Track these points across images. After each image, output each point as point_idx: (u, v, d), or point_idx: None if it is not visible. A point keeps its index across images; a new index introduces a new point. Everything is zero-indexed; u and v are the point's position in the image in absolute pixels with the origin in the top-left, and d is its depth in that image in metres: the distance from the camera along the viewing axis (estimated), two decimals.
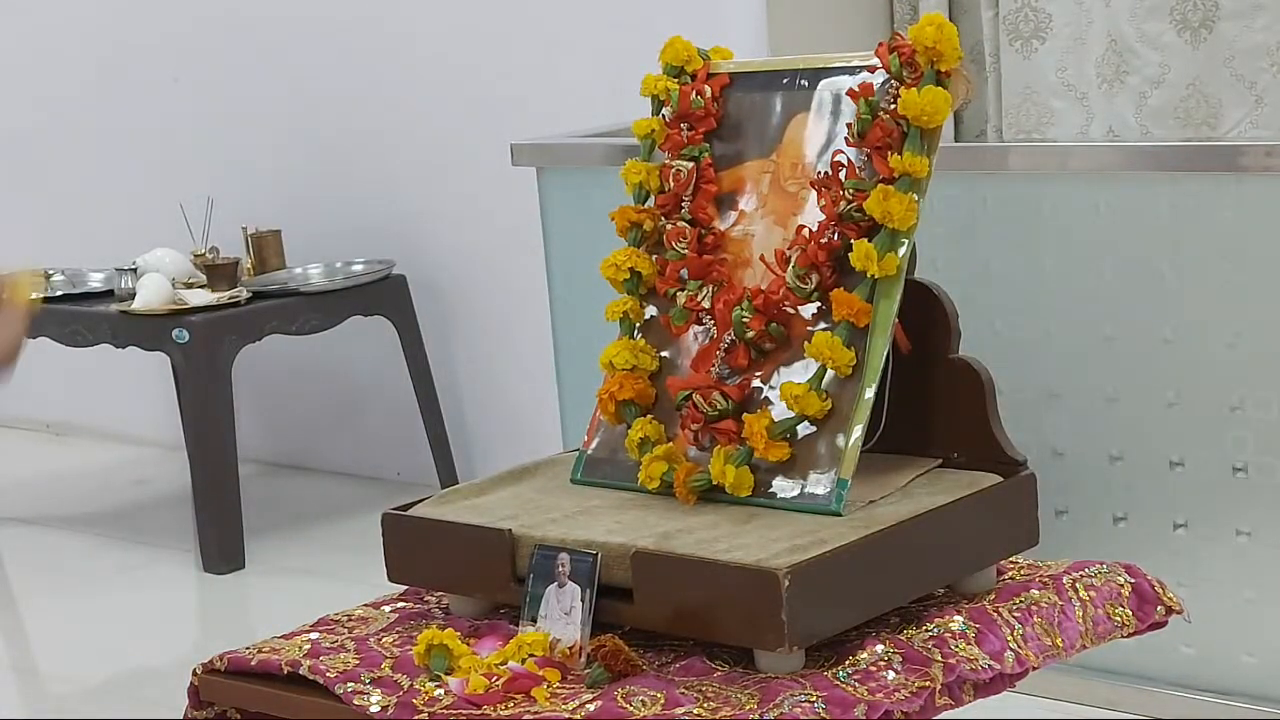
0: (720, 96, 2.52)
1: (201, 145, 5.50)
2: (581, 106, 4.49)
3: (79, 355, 5.03)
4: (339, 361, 5.42)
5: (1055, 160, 3.35)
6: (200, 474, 4.75)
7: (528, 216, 4.07)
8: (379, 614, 2.43)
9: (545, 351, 4.07)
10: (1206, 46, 4.05)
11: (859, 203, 2.30)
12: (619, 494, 2.41)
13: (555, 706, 2.06)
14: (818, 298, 2.33)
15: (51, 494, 5.59)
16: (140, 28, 5.61)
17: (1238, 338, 3.12)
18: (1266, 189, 3.06)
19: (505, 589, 2.27)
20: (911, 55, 2.31)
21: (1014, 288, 3.34)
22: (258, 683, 2.26)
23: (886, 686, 2.09)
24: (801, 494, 2.27)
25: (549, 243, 3.97)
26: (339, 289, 4.92)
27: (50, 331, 4.92)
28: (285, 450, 5.65)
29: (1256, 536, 3.16)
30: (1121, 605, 2.37)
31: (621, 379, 2.44)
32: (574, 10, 4.76)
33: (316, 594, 3.67)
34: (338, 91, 5.28)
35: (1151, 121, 4.14)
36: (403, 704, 2.10)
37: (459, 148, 5.01)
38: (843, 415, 2.27)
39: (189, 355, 4.64)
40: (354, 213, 5.27)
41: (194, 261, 4.89)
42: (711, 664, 2.16)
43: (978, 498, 2.30)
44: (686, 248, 2.45)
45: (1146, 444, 3.24)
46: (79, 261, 5.26)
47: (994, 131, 4.45)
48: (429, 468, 5.07)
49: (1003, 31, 4.34)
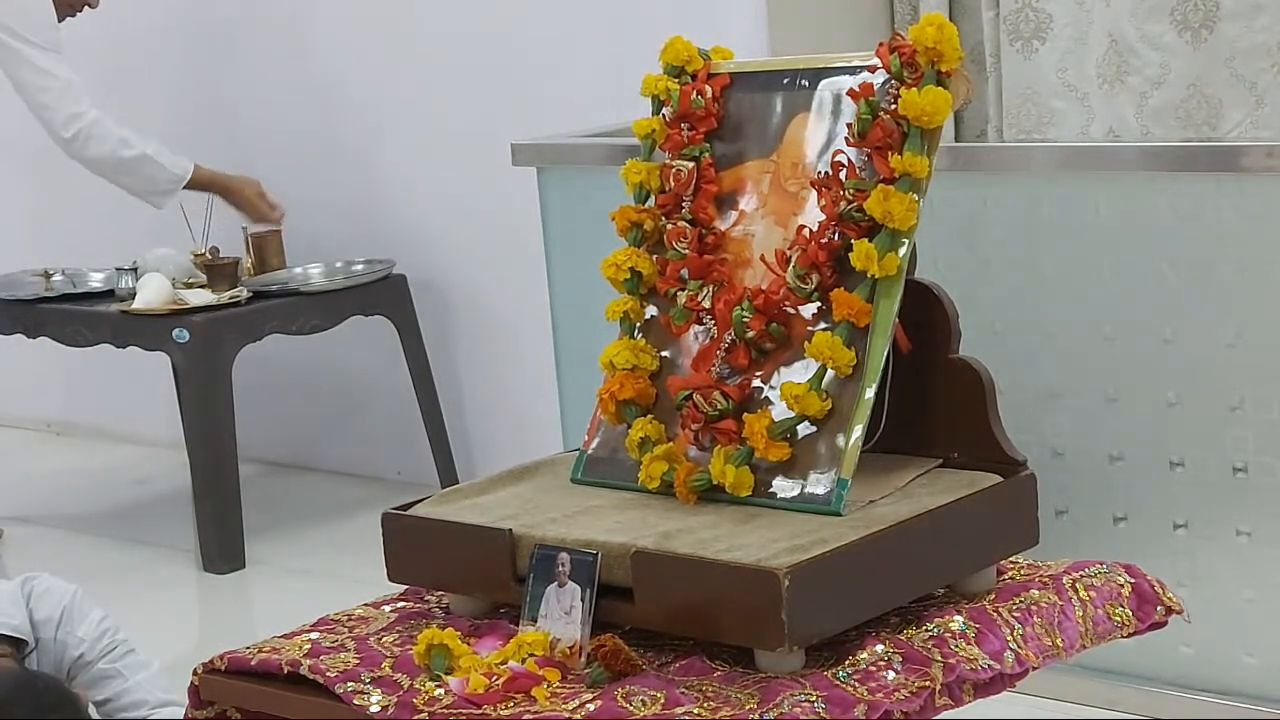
0: (721, 96, 2.52)
1: (201, 145, 5.49)
2: (582, 106, 4.48)
3: (79, 355, 5.03)
4: (339, 361, 5.42)
5: (1055, 160, 3.35)
6: (200, 474, 4.75)
7: (528, 216, 4.07)
8: (379, 614, 2.43)
9: (545, 351, 4.07)
10: (1207, 47, 4.05)
11: (859, 203, 2.30)
12: (619, 494, 2.41)
13: (555, 706, 2.06)
14: (818, 298, 2.33)
15: (51, 494, 5.59)
16: (140, 28, 5.61)
17: (1238, 338, 3.12)
18: (1267, 189, 3.06)
19: (505, 589, 2.27)
20: (912, 55, 2.31)
21: (1014, 288, 3.34)
22: (258, 683, 2.26)
23: (886, 686, 2.09)
24: (801, 494, 2.27)
25: (549, 243, 3.97)
26: (339, 289, 4.92)
27: (50, 331, 4.92)
28: (285, 450, 5.64)
29: (1256, 536, 3.16)
30: (1121, 605, 2.37)
31: (622, 379, 2.44)
32: (574, 10, 4.76)
33: (316, 594, 3.66)
34: (338, 91, 5.28)
35: (1152, 122, 4.14)
36: (403, 704, 2.10)
37: (459, 148, 5.01)
38: (843, 415, 2.27)
39: (189, 355, 4.64)
40: (354, 213, 5.27)
41: (194, 261, 4.89)
42: (711, 664, 2.16)
43: (978, 498, 2.30)
44: (687, 248, 2.45)
45: (1146, 444, 3.24)
46: (79, 261, 5.26)
47: (994, 131, 4.45)
48: (429, 468, 5.06)
49: (1003, 32, 4.34)
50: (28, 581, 3.05)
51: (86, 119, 4.67)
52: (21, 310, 4.99)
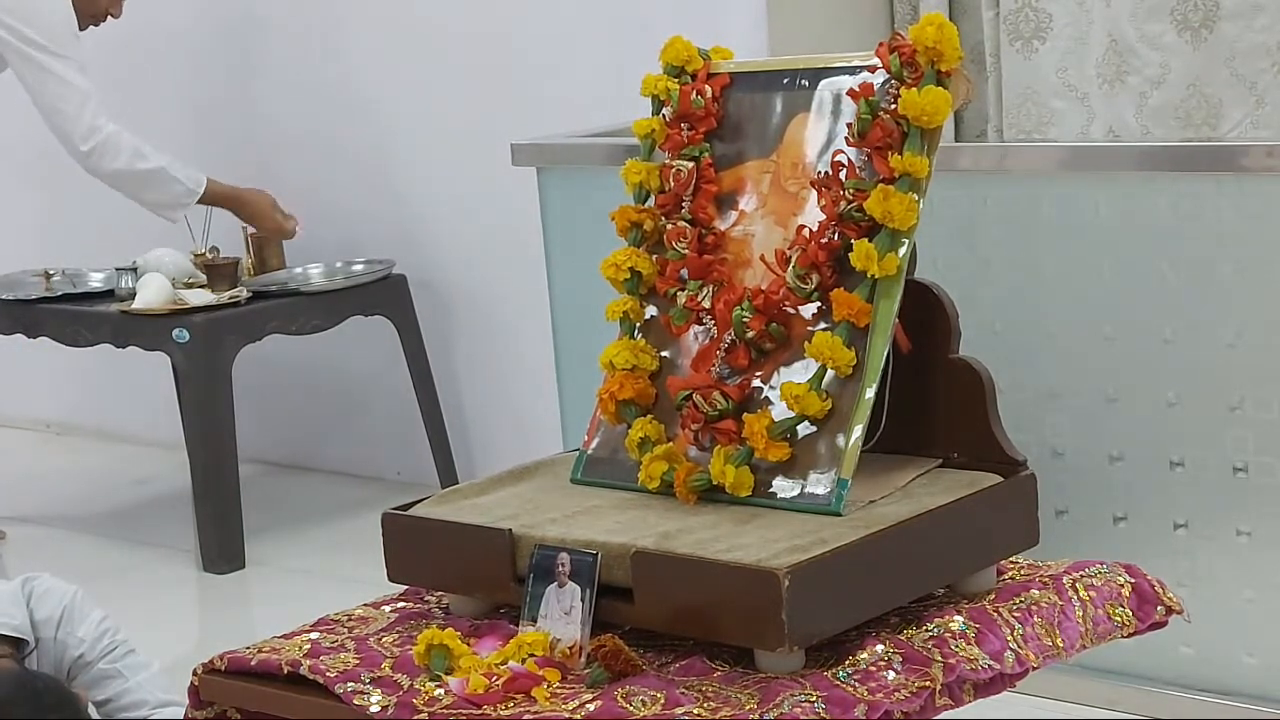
0: (720, 96, 2.52)
1: (201, 145, 5.49)
2: (582, 106, 4.48)
3: (79, 355, 5.03)
4: (339, 361, 5.41)
5: (1055, 160, 3.35)
6: (200, 474, 4.74)
7: (528, 216, 4.07)
8: (379, 614, 2.43)
9: (545, 351, 4.07)
10: (1207, 47, 4.05)
11: (859, 203, 2.30)
12: (619, 494, 2.41)
13: (555, 706, 2.06)
14: (818, 298, 2.33)
15: (51, 494, 5.58)
16: (140, 28, 5.60)
17: (1238, 338, 3.12)
18: (1267, 189, 3.06)
19: (505, 589, 2.27)
20: (912, 55, 2.31)
21: (1014, 288, 3.34)
22: (258, 683, 2.26)
23: (886, 686, 2.09)
24: (801, 494, 2.27)
25: (549, 243, 3.97)
26: (339, 289, 4.92)
27: (50, 331, 4.92)
28: (285, 450, 5.64)
29: (1256, 536, 3.16)
30: (1121, 605, 2.37)
31: (622, 379, 2.44)
32: (574, 10, 4.76)
33: (316, 594, 3.66)
34: (337, 91, 5.28)
35: (1152, 122, 4.14)
36: (403, 704, 2.10)
37: (459, 148, 5.01)
38: (843, 415, 2.27)
39: (189, 355, 4.64)
40: (354, 213, 5.27)
41: (194, 261, 4.89)
42: (711, 664, 2.16)
43: (978, 498, 2.30)
44: (687, 248, 2.45)
45: (1146, 444, 3.24)
46: (79, 261, 5.26)
47: (994, 131, 4.45)
48: (429, 468, 5.06)
49: (1003, 32, 4.34)
50: (28, 582, 3.05)
51: (104, 132, 4.64)
52: (21, 310, 4.99)
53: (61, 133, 4.67)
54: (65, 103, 4.63)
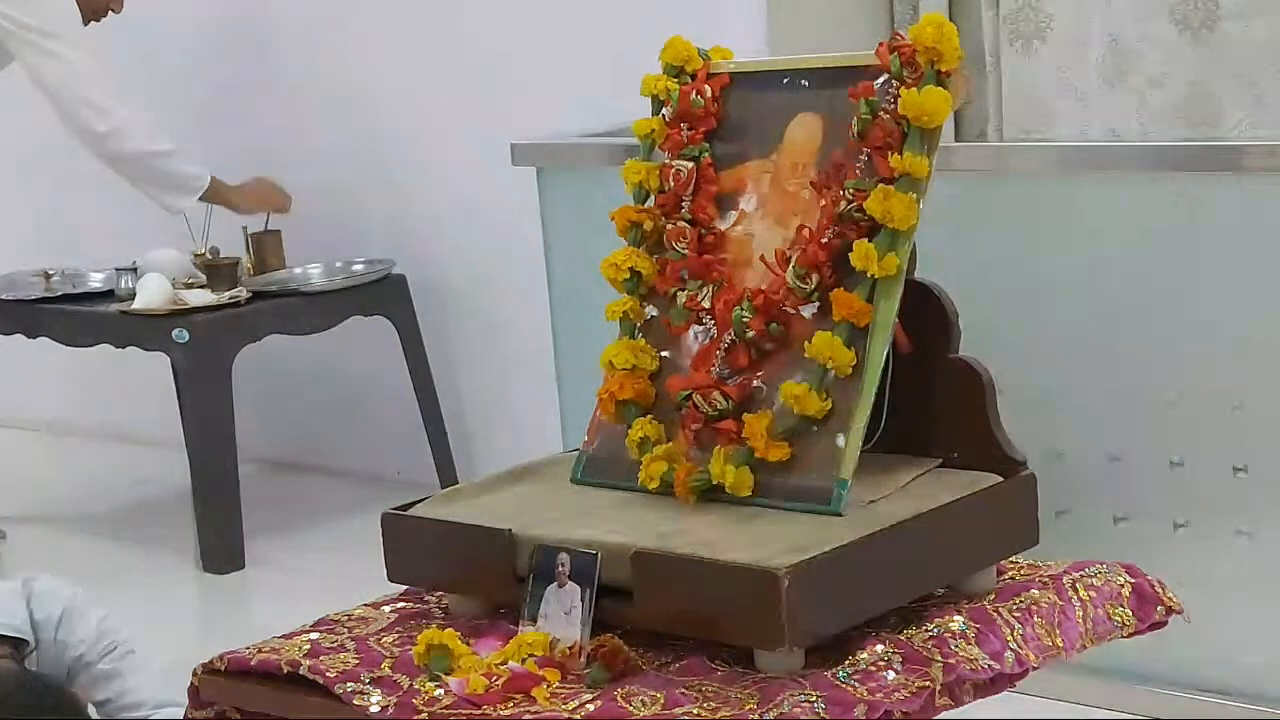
0: (720, 96, 2.51)
1: (201, 145, 5.49)
2: (582, 106, 4.48)
3: (79, 355, 5.03)
4: (339, 361, 5.41)
5: (1055, 160, 3.35)
6: (200, 474, 4.75)
7: (528, 216, 4.07)
8: (379, 614, 2.43)
9: (545, 351, 4.07)
10: (1207, 47, 4.04)
11: (859, 203, 2.30)
12: (619, 494, 2.41)
13: (555, 706, 2.06)
14: (818, 298, 2.33)
15: (51, 494, 5.59)
16: (140, 29, 5.60)
17: (1238, 337, 3.12)
18: (1268, 189, 3.06)
19: (505, 589, 2.27)
20: (912, 55, 2.31)
21: (1014, 288, 3.34)
22: (258, 683, 2.26)
23: (886, 686, 2.09)
24: (801, 494, 2.27)
25: (549, 243, 3.97)
26: (339, 289, 4.92)
27: (50, 331, 4.92)
28: (285, 450, 5.64)
29: (1256, 536, 3.16)
30: (1121, 605, 2.37)
31: (621, 379, 2.44)
32: (574, 10, 4.76)
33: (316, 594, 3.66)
34: (337, 91, 5.28)
35: (1152, 121, 4.14)
36: (403, 704, 2.10)
37: (459, 148, 5.01)
38: (843, 415, 2.27)
39: (189, 355, 4.64)
40: (354, 213, 5.27)
41: (194, 261, 4.89)
42: (711, 664, 2.16)
43: (978, 498, 2.30)
44: (687, 248, 2.45)
45: (1146, 444, 3.24)
46: (79, 261, 5.26)
47: (994, 131, 4.44)
48: (429, 468, 5.06)
49: (1003, 31, 4.34)
50: (28, 582, 3.05)
51: (119, 114, 4.63)
52: (21, 310, 4.99)
53: (75, 117, 4.65)
54: (75, 87, 4.62)
